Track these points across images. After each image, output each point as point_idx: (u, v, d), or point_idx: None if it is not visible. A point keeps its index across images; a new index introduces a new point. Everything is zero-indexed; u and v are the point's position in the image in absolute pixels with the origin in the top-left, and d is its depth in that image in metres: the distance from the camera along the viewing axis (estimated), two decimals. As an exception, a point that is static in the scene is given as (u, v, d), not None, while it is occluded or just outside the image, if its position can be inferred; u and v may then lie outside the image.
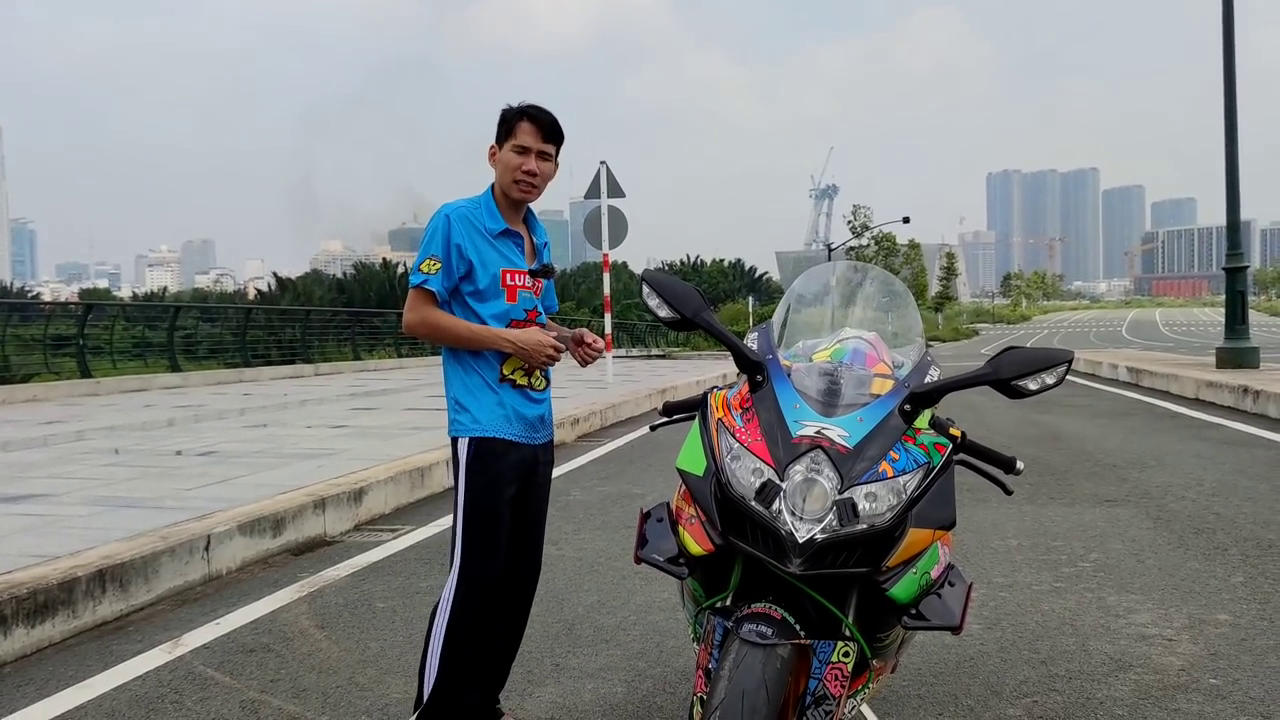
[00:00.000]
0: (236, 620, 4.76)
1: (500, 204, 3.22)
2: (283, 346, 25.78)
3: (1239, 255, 17.17)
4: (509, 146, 3.15)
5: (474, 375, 3.16)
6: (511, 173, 3.15)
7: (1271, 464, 8.62)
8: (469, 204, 3.21)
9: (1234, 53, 17.28)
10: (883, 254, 74.77)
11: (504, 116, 3.20)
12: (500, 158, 3.17)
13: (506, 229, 3.20)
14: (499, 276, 3.16)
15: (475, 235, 3.14)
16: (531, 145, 3.15)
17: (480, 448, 3.12)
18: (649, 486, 8.21)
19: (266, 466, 7.95)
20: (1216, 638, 4.22)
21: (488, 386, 3.16)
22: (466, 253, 3.12)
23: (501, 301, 3.16)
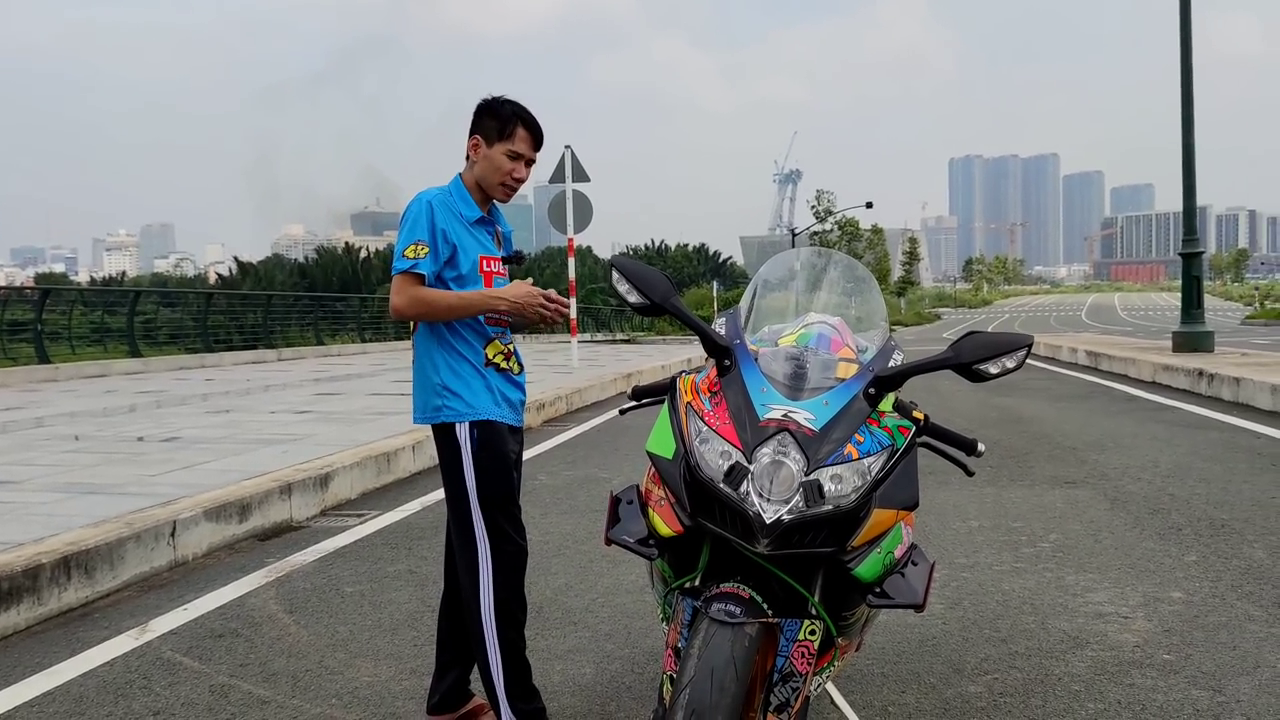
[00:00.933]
0: (204, 606, 4.76)
1: (473, 194, 3.23)
2: (245, 331, 25.57)
3: (1195, 241, 17.42)
4: (503, 149, 3.15)
5: (461, 360, 3.17)
6: (502, 175, 3.17)
7: (1225, 446, 8.80)
8: (443, 192, 3.22)
9: (1190, 41, 17.50)
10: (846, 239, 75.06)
11: (494, 111, 3.17)
12: (489, 155, 3.16)
13: (481, 217, 3.23)
14: (478, 262, 3.19)
15: (455, 222, 3.16)
16: (525, 153, 3.19)
17: (483, 432, 3.14)
18: (615, 471, 8.25)
19: (231, 452, 7.92)
20: (1170, 615, 4.32)
21: (476, 371, 3.18)
22: (450, 238, 3.13)
23: (480, 286, 3.18)
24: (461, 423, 3.16)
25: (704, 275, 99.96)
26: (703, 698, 2.10)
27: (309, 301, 32.39)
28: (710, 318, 2.73)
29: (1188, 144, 17.41)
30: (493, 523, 3.16)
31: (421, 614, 4.58)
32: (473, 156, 3.21)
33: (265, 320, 25.60)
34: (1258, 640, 3.99)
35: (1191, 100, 17.46)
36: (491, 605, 3.16)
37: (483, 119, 3.19)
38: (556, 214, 18.04)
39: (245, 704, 3.60)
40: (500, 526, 3.17)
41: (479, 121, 3.20)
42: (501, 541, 3.18)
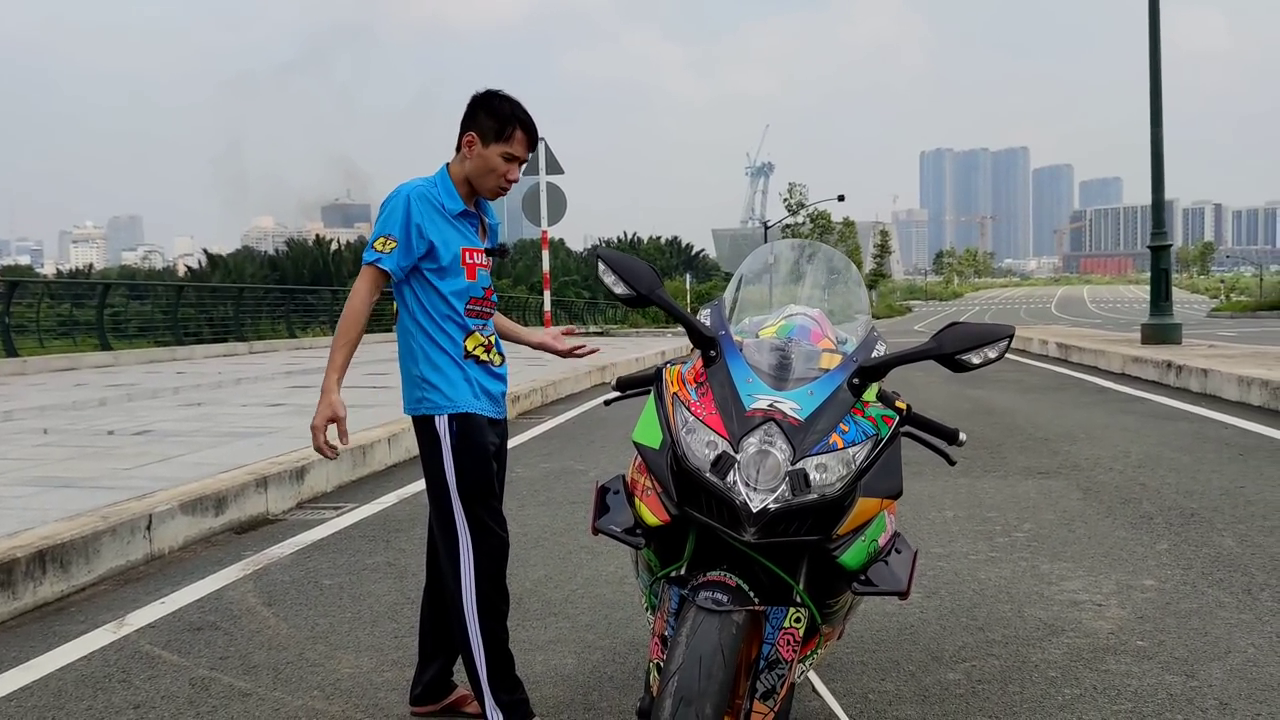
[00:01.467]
0: (182, 599, 4.74)
1: (458, 187, 3.23)
2: (215, 324, 25.38)
3: (1163, 234, 17.62)
4: (499, 150, 3.14)
5: (439, 353, 3.17)
6: (496, 177, 3.17)
7: (1194, 436, 8.91)
8: (426, 184, 3.20)
9: (1159, 36, 17.67)
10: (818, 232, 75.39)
11: (493, 110, 3.15)
12: (484, 155, 3.15)
13: (465, 209, 3.22)
14: (459, 255, 3.18)
15: (435, 215, 3.15)
16: (521, 156, 3.19)
17: (463, 424, 3.14)
18: (591, 463, 8.26)
19: (206, 445, 7.87)
20: (1143, 602, 4.38)
21: (454, 362, 3.18)
22: (427, 232, 3.13)
23: (462, 279, 3.18)
24: (440, 415, 3.16)
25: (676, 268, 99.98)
26: (691, 685, 2.12)
27: (280, 294, 32.22)
28: (696, 309, 2.76)
29: (1156, 138, 17.60)
30: (473, 515, 3.17)
31: (401, 606, 4.58)
32: (465, 152, 3.19)
33: (236, 313, 25.42)
34: (1228, 626, 4.05)
35: (1160, 95, 17.64)
36: (473, 597, 3.17)
37: (479, 116, 3.16)
38: (531, 206, 18.01)
39: (226, 697, 3.59)
40: (480, 518, 3.18)
41: (475, 117, 3.17)
42: (482, 533, 3.18)
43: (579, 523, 6.10)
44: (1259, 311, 49.33)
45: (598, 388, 15.25)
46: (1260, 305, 51.48)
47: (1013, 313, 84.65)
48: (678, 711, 2.10)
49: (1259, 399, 10.78)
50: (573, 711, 3.41)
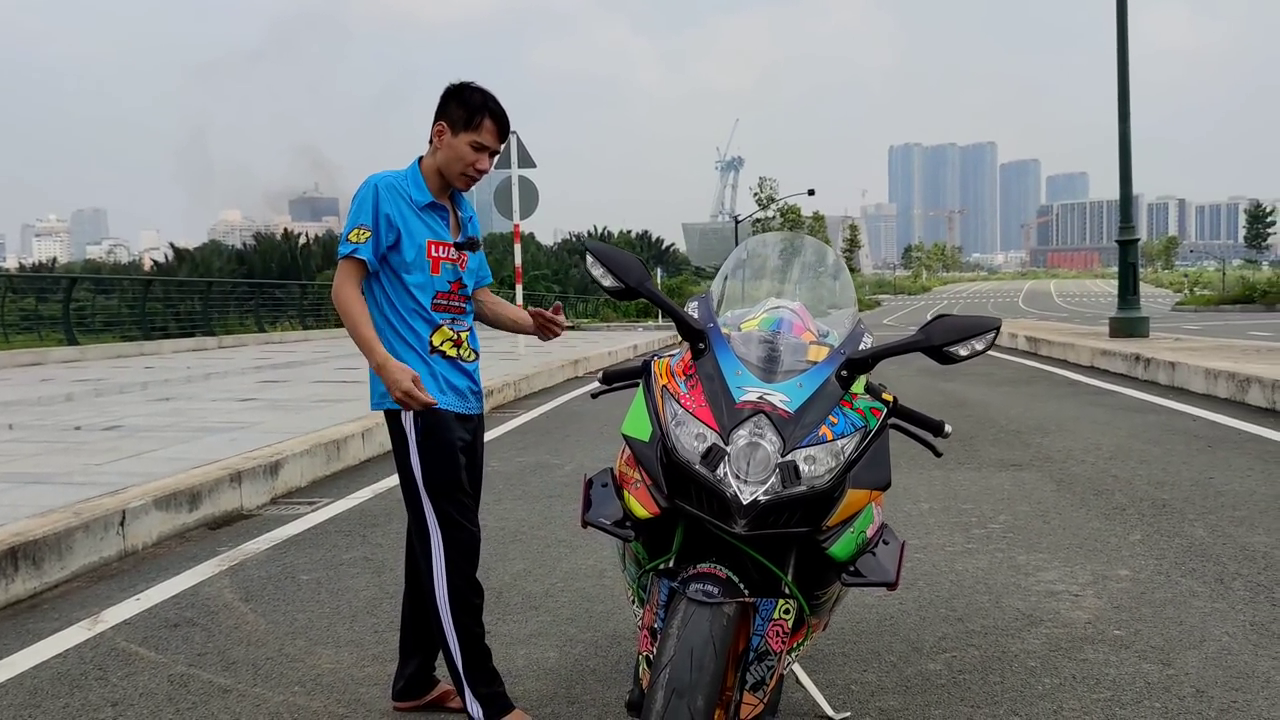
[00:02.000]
0: (157, 595, 4.69)
1: (430, 179, 3.20)
2: (182, 319, 25.12)
3: (1130, 229, 17.77)
4: (468, 140, 3.12)
5: (405, 347, 3.15)
6: (464, 166, 3.15)
7: (1163, 429, 9.01)
8: (396, 176, 3.19)
9: (1126, 32, 17.81)
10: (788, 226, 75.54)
11: (462, 100, 3.13)
12: (452, 144, 3.13)
13: (433, 202, 3.20)
14: (424, 248, 3.15)
15: (403, 206, 3.14)
16: (490, 145, 3.16)
17: (427, 420, 3.13)
18: (567, 457, 8.25)
19: (178, 440, 7.80)
20: (1119, 592, 4.43)
21: (420, 357, 3.16)
22: (395, 222, 3.11)
23: (426, 273, 3.16)
24: (406, 410, 3.15)
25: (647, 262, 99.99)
26: (682, 677, 2.12)
27: (248, 289, 31.95)
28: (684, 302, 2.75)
29: (1124, 133, 17.75)
30: (441, 510, 3.16)
31: (380, 601, 4.56)
32: (436, 143, 3.17)
33: (205, 308, 25.18)
34: (1202, 615, 4.10)
35: (1127, 90, 17.80)
36: (445, 591, 3.16)
37: (450, 105, 3.15)
38: (502, 200, 17.94)
39: (206, 693, 3.56)
40: (448, 513, 3.16)
41: (445, 107, 3.16)
42: (451, 528, 3.17)
43: (556, 516, 6.09)
44: (1222, 305, 49.94)
45: (570, 382, 15.25)
46: (1223, 299, 52.11)
47: (980, 306, 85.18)
48: (669, 703, 2.10)
49: (1225, 391, 10.91)
50: (556, 704, 3.41)
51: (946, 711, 3.28)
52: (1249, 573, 4.64)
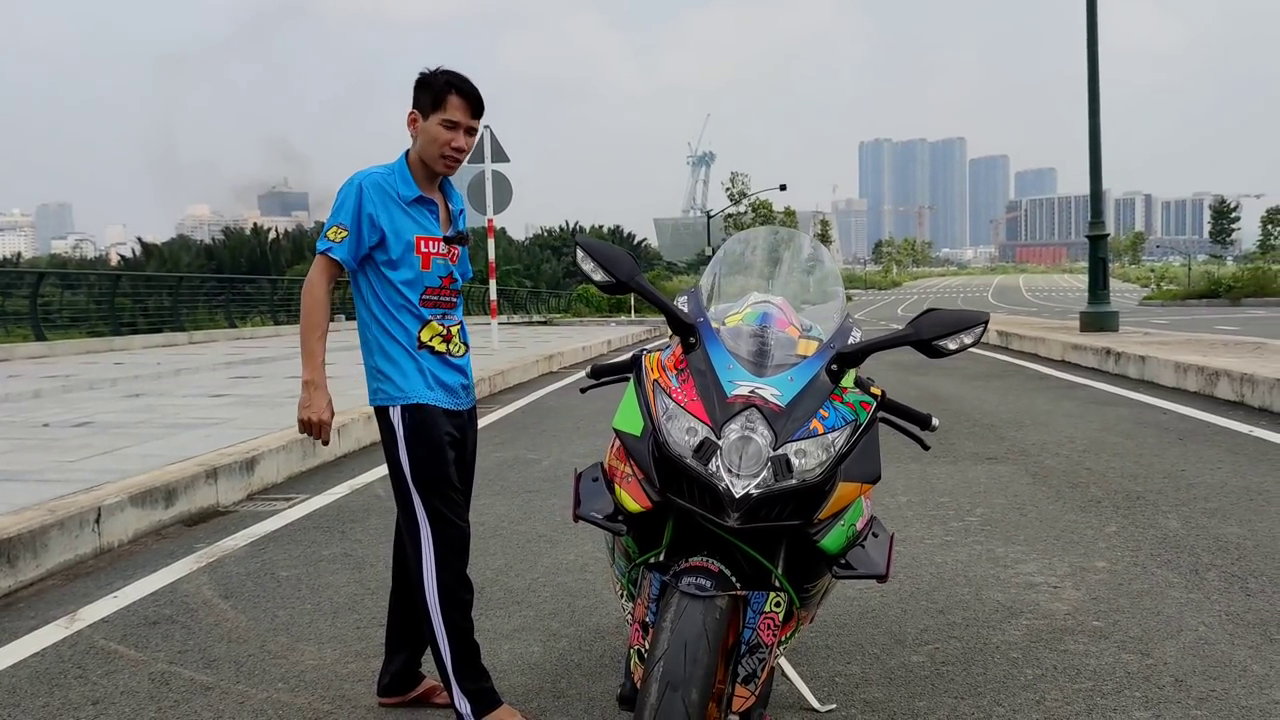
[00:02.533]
0: (135, 593, 4.65)
1: (415, 171, 3.19)
2: (150, 314, 24.87)
3: (1101, 224, 17.94)
4: (437, 120, 3.09)
5: (393, 343, 3.15)
6: (440, 147, 3.12)
7: (1135, 422, 9.11)
8: (383, 171, 3.17)
9: (1096, 30, 17.96)
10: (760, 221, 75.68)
11: (427, 83, 3.12)
12: (425, 129, 3.11)
13: (421, 196, 3.18)
14: (413, 244, 3.13)
15: (389, 202, 3.12)
16: (461, 121, 3.12)
17: (415, 416, 3.12)
18: (544, 452, 8.25)
19: (152, 437, 7.73)
20: (1097, 583, 4.48)
21: (407, 353, 3.15)
22: (379, 221, 3.09)
23: (415, 268, 3.14)
24: (394, 406, 3.14)
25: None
26: (676, 670, 2.13)
27: (218, 284, 31.71)
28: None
29: (1094, 129, 17.90)
30: (430, 505, 3.15)
31: (361, 597, 4.54)
32: (412, 132, 3.17)
33: (175, 303, 24.94)
34: (1179, 605, 4.15)
35: (1097, 87, 17.94)
36: (435, 586, 3.15)
37: (418, 93, 3.14)
38: (476, 195, 17.87)
39: (188, 691, 3.53)
40: (438, 509, 3.16)
41: (415, 96, 3.15)
42: (441, 524, 3.16)
43: (536, 511, 6.09)
44: (1188, 300, 50.49)
45: (544, 377, 15.23)
46: (1189, 294, 52.70)
47: (950, 301, 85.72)
48: (663, 697, 2.11)
49: (1194, 385, 11.04)
50: (542, 699, 3.41)
51: (930, 703, 3.31)
52: (1223, 563, 4.70)
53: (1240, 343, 14.82)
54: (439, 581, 3.15)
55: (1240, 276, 49.60)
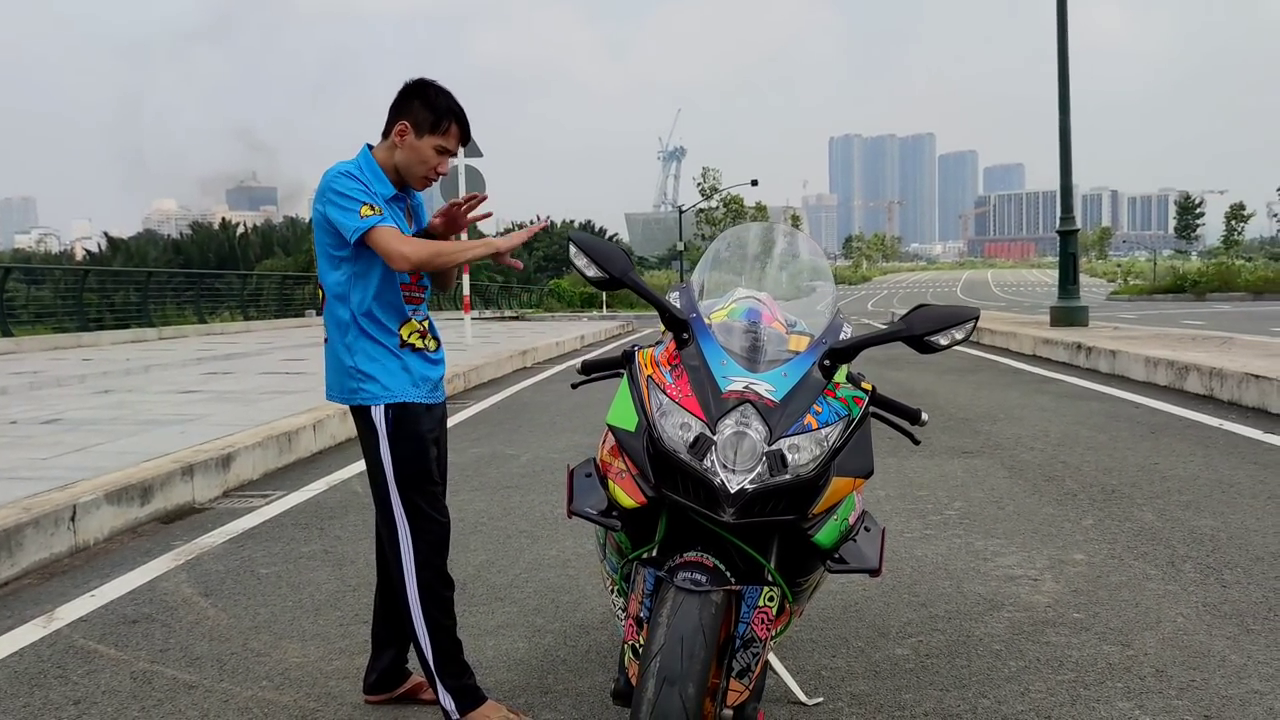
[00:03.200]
0: (113, 591, 4.61)
1: (388, 173, 3.16)
2: (117, 310, 24.59)
3: (1071, 219, 18.09)
4: (432, 144, 3.09)
5: (375, 345, 3.12)
6: (425, 168, 3.13)
7: (1107, 416, 9.20)
8: (351, 167, 3.12)
9: (1066, 27, 18.09)
10: (731, 216, 75.76)
11: (430, 104, 3.08)
12: (416, 146, 3.09)
13: (396, 194, 3.18)
14: None
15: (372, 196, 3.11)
16: (454, 150, 3.16)
17: (399, 414, 3.11)
18: (522, 447, 8.23)
19: (125, 434, 7.65)
20: (1075, 576, 4.52)
21: (391, 352, 3.13)
22: None
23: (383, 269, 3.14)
24: (377, 405, 3.12)
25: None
26: (673, 665, 2.13)
27: (185, 279, 31.43)
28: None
29: (1064, 126, 18.04)
30: (410, 503, 3.14)
31: (343, 594, 4.52)
32: (396, 141, 3.12)
33: (144, 299, 24.69)
34: (1156, 597, 4.20)
35: (1067, 84, 18.09)
36: (415, 584, 3.15)
37: (413, 105, 3.10)
38: (449, 189, 17.78)
39: (171, 690, 3.51)
40: (419, 506, 3.15)
41: (408, 107, 3.10)
42: (421, 521, 3.15)
43: (515, 507, 6.08)
44: (1154, 295, 50.97)
45: (519, 373, 15.19)
46: (1155, 289, 53.18)
47: (920, 296, 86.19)
48: (661, 692, 2.11)
49: (1165, 379, 11.16)
50: (529, 695, 3.40)
51: (917, 695, 3.33)
52: (1198, 555, 4.76)
53: (1208, 337, 14.99)
54: (419, 579, 3.15)
55: (1205, 272, 50.17)
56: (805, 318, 2.71)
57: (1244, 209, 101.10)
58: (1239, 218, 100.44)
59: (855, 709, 3.25)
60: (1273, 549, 4.82)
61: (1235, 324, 22.08)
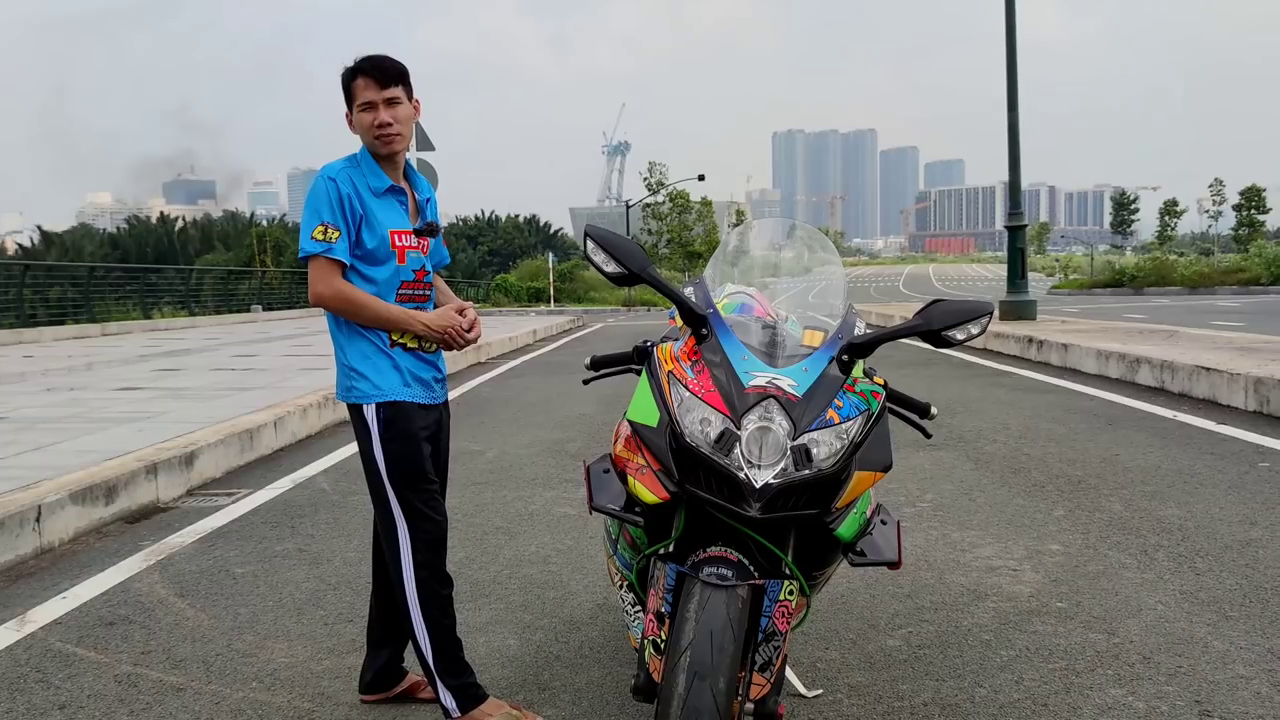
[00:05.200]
0: (85, 593, 4.51)
1: (379, 161, 3.13)
2: (52, 306, 24.01)
3: (1019, 214, 18.35)
4: (356, 109, 3.06)
5: (365, 342, 3.09)
6: (368, 131, 3.06)
7: (1063, 408, 9.36)
8: (347, 164, 3.10)
9: (1015, 25, 18.34)
10: (677, 210, 75.81)
11: (342, 81, 3.09)
12: (354, 122, 3.09)
13: (392, 185, 3.13)
14: (387, 239, 3.07)
15: (362, 195, 3.06)
16: (374, 98, 3.04)
17: (390, 412, 3.07)
18: (487, 443, 8.18)
19: (83, 432, 7.49)
20: (1054, 566, 4.59)
21: (381, 350, 3.10)
22: (358, 215, 3.04)
23: (392, 263, 3.09)
24: (369, 404, 3.09)
25: (535, 246, 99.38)
26: (704, 659, 2.13)
27: (124, 274, 30.84)
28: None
29: (1013, 123, 18.30)
30: (406, 502, 3.12)
31: (323, 593, 4.46)
32: (351, 129, 3.13)
33: (87, 294, 24.15)
34: (1135, 586, 4.28)
35: (1015, 82, 18.35)
36: (413, 583, 3.12)
37: (343, 94, 3.11)
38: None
39: (158, 692, 3.44)
40: (414, 505, 3.12)
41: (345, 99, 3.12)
42: (417, 519, 3.13)
43: (488, 504, 6.04)
44: (1094, 289, 51.98)
45: (473, 368, 15.13)
46: (1095, 283, 54.21)
47: (863, 291, 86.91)
48: (692, 687, 2.11)
49: (1116, 372, 11.38)
50: (527, 692, 3.39)
51: (913, 686, 3.36)
52: (1169, 544, 4.86)
53: (1154, 330, 15.31)
54: (417, 578, 3.12)
55: (1143, 266, 51.24)
56: (811, 309, 2.73)
57: (1177, 205, 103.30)
58: (1172, 213, 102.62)
59: (855, 700, 3.27)
60: (1239, 537, 4.93)
61: (1176, 317, 22.57)
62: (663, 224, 70.02)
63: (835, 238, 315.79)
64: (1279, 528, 5.08)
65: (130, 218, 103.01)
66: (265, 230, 71.38)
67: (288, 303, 35.22)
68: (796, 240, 2.95)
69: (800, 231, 2.98)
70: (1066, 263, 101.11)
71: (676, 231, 69.42)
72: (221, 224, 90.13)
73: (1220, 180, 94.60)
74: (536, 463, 7.36)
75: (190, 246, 76.77)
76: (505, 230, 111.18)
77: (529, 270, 62.70)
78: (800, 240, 2.95)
